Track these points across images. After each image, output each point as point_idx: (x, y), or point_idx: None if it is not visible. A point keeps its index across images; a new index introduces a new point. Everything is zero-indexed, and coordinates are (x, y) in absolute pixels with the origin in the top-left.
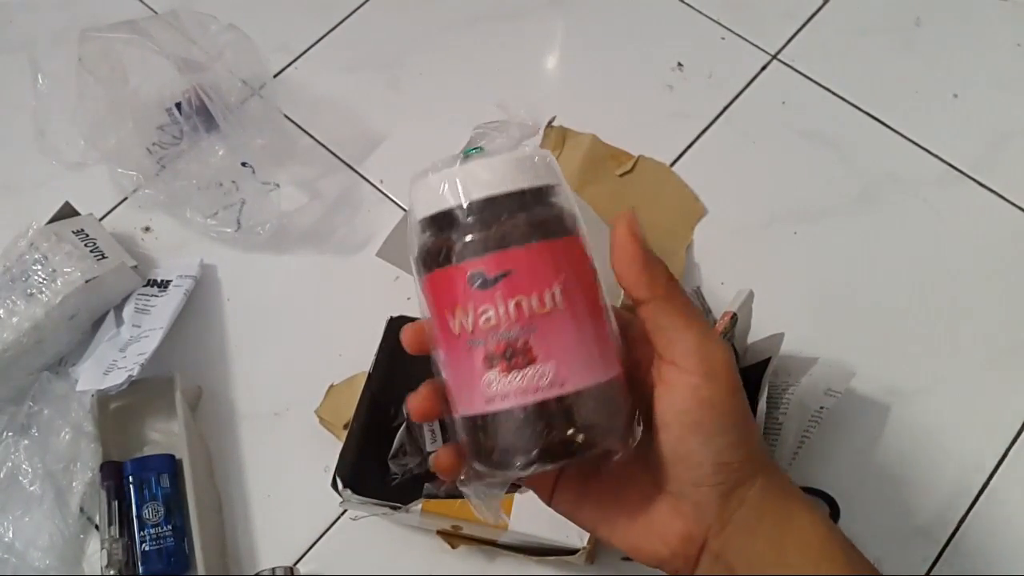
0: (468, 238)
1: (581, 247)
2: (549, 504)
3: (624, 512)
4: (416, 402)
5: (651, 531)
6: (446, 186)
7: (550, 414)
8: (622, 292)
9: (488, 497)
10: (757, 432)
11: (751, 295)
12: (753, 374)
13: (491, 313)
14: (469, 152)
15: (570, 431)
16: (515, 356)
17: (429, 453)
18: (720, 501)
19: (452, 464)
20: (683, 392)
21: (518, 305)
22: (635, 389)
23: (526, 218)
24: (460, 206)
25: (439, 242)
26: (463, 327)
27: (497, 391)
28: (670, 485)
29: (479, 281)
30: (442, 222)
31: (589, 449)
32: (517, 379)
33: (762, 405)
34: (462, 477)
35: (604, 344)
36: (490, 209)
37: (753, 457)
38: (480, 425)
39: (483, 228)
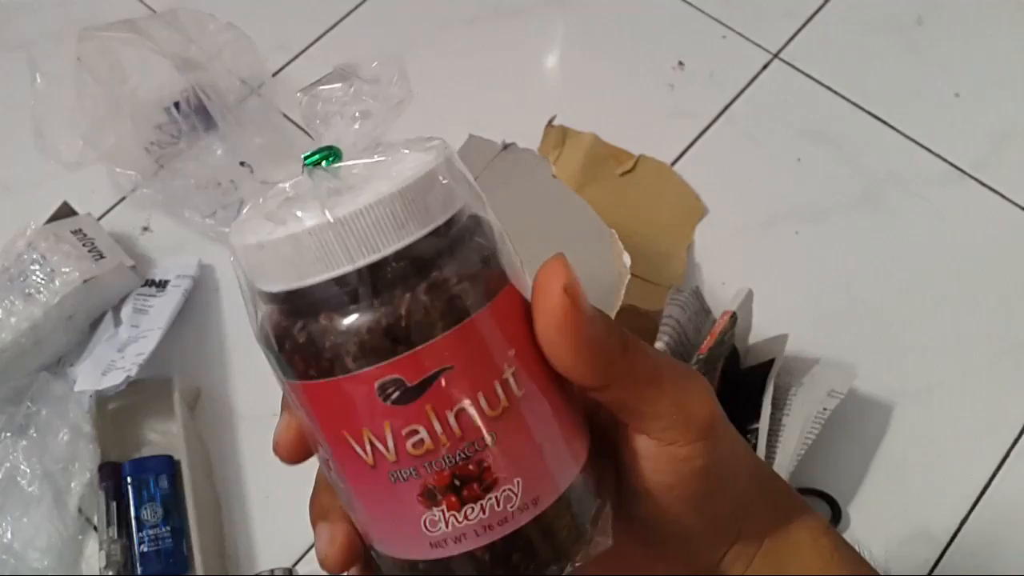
0: (365, 329)
1: (520, 289)
2: None
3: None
4: (333, 553)
5: (627, 568)
6: (309, 243)
7: (523, 543)
8: (626, 279)
9: None
10: (754, 466)
11: (750, 294)
12: (756, 375)
13: (423, 434)
14: (313, 160)
15: (552, 553)
16: (467, 485)
17: None
18: (711, 547)
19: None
20: (667, 466)
21: (460, 415)
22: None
23: (451, 279)
24: (341, 278)
25: (313, 336)
26: (379, 456)
27: (448, 532)
28: (651, 536)
29: (396, 393)
30: (309, 301)
31: (575, 562)
32: (475, 513)
33: (766, 407)
34: None
35: (569, 420)
36: (392, 276)
37: (750, 491)
38: (425, 571)
39: (388, 310)
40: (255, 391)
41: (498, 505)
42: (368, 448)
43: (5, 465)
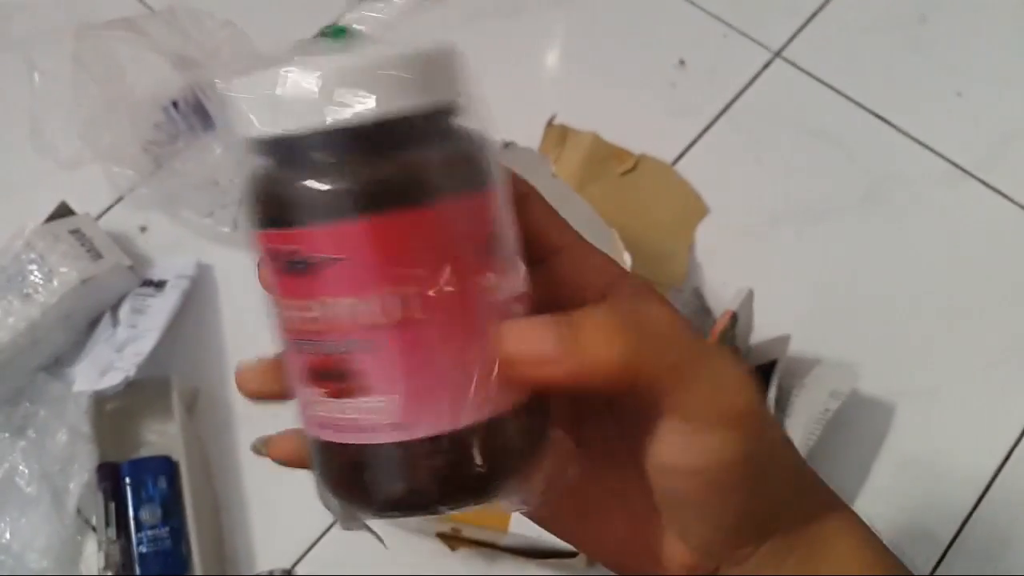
0: (278, 193)
1: (459, 215)
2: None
3: (612, 533)
4: (244, 373)
5: (647, 556)
6: (245, 103)
7: (387, 462)
8: (627, 257)
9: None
10: (793, 469)
11: (751, 294)
12: (758, 376)
13: (312, 313)
14: (327, 34)
15: (415, 487)
16: (344, 379)
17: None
18: (737, 541)
19: (290, 453)
20: (697, 451)
21: (350, 310)
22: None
23: (378, 172)
24: (274, 139)
25: (252, 186)
26: (281, 321)
27: (318, 415)
28: (672, 519)
29: (297, 265)
30: (267, 154)
31: (438, 508)
32: (349, 410)
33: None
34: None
35: (478, 371)
36: (323, 148)
37: (785, 493)
38: (313, 446)
39: (300, 182)
40: None
41: (371, 413)
42: (274, 311)
43: (3, 466)
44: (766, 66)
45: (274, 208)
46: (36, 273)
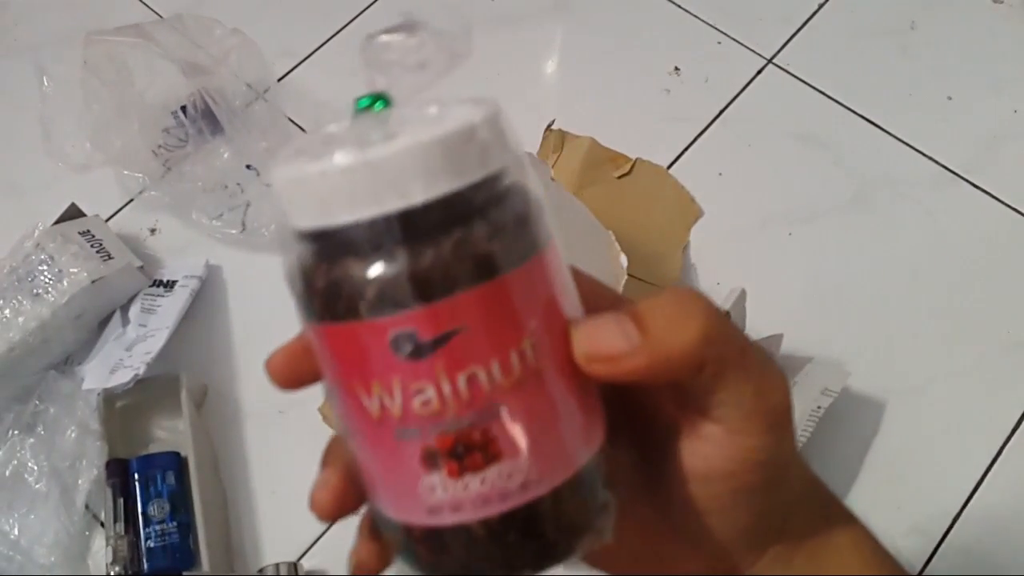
0: (385, 276)
1: (552, 260)
2: None
3: (623, 545)
4: (322, 496)
5: (658, 566)
6: (340, 182)
7: (522, 523)
8: (623, 279)
9: None
10: (803, 468)
11: (743, 294)
12: None
13: (430, 394)
14: (365, 104)
15: (551, 539)
16: (470, 453)
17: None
18: (754, 542)
19: (377, 564)
20: (731, 454)
21: (472, 380)
22: (634, 435)
23: (480, 237)
24: (368, 222)
25: (335, 279)
26: (385, 411)
27: (445, 500)
28: (689, 528)
29: (409, 347)
30: (335, 242)
31: (574, 552)
32: (475, 484)
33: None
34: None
35: (585, 401)
36: (420, 226)
37: (799, 492)
38: (420, 538)
39: (410, 261)
40: (261, 388)
41: (500, 479)
42: (376, 401)
43: (13, 462)
44: (759, 72)
45: (386, 294)
46: (46, 273)
